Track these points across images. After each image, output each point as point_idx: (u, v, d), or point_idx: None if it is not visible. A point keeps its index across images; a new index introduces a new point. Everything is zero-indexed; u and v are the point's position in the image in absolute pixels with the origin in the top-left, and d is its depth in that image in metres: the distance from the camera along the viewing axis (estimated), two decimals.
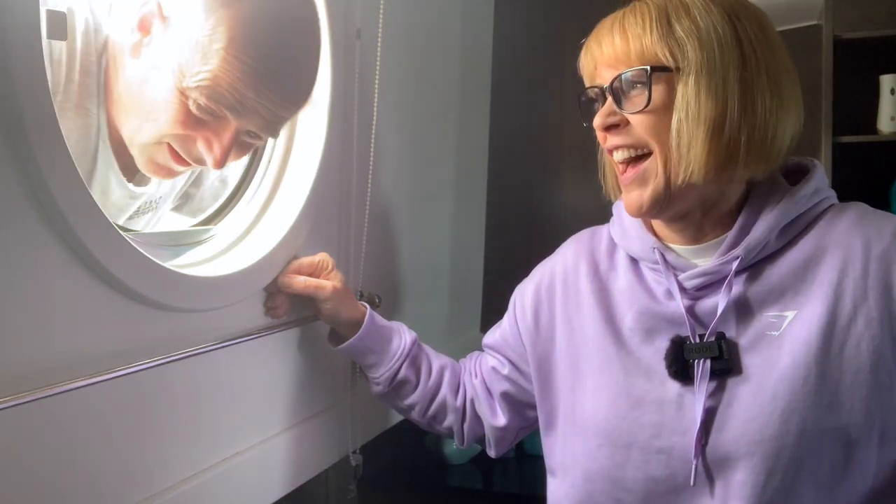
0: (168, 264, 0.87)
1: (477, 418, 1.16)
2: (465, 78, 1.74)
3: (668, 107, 0.85)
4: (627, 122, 0.88)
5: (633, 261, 0.97)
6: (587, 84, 0.93)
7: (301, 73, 0.98)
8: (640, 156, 0.88)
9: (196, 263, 1.00)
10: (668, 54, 0.85)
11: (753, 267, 0.88)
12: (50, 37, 0.79)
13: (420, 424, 1.20)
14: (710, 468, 0.85)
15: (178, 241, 1.02)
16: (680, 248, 0.93)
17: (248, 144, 0.98)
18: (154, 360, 0.83)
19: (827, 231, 0.87)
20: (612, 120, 0.88)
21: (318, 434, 1.19)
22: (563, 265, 1.05)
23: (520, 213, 2.06)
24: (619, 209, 1.01)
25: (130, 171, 1.01)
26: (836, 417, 0.81)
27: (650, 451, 0.88)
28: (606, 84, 0.88)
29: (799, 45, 2.88)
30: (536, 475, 1.06)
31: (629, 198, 0.90)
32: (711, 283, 0.89)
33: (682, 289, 0.90)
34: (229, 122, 0.93)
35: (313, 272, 1.10)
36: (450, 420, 1.17)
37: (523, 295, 1.09)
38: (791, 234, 0.88)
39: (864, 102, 2.49)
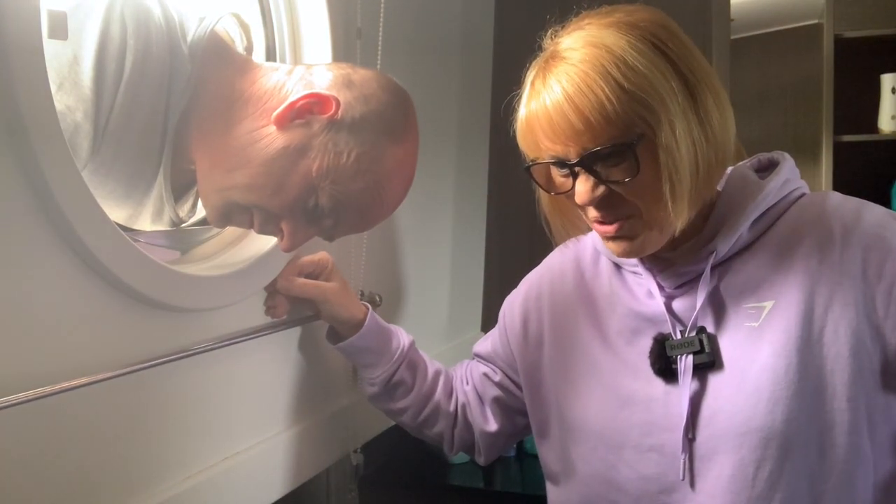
0: (169, 264, 0.87)
1: (467, 425, 1.16)
2: (465, 77, 1.74)
3: (649, 167, 0.81)
4: (609, 190, 0.82)
5: (616, 266, 0.98)
6: (535, 154, 0.87)
7: (385, 217, 1.01)
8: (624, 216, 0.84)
9: (197, 263, 1.00)
10: (637, 119, 0.78)
11: (728, 261, 0.89)
12: (51, 37, 0.79)
13: (409, 429, 1.20)
14: (700, 463, 0.85)
15: (180, 241, 1.02)
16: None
17: None
18: (154, 360, 0.83)
19: (799, 220, 0.88)
20: (599, 194, 0.82)
21: (318, 433, 1.19)
22: (550, 275, 1.07)
23: (521, 212, 2.05)
24: None
25: (178, 195, 0.98)
26: (821, 404, 0.81)
27: (642, 449, 0.88)
28: (571, 159, 0.81)
29: (800, 44, 2.89)
30: (537, 475, 1.06)
31: (613, 245, 0.87)
32: (689, 281, 0.90)
33: (661, 287, 0.91)
34: (322, 223, 0.94)
35: (313, 271, 1.10)
36: (441, 426, 1.16)
37: (512, 306, 1.10)
38: (763, 226, 0.89)
39: (865, 101, 2.50)
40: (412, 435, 1.22)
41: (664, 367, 0.88)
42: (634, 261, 0.93)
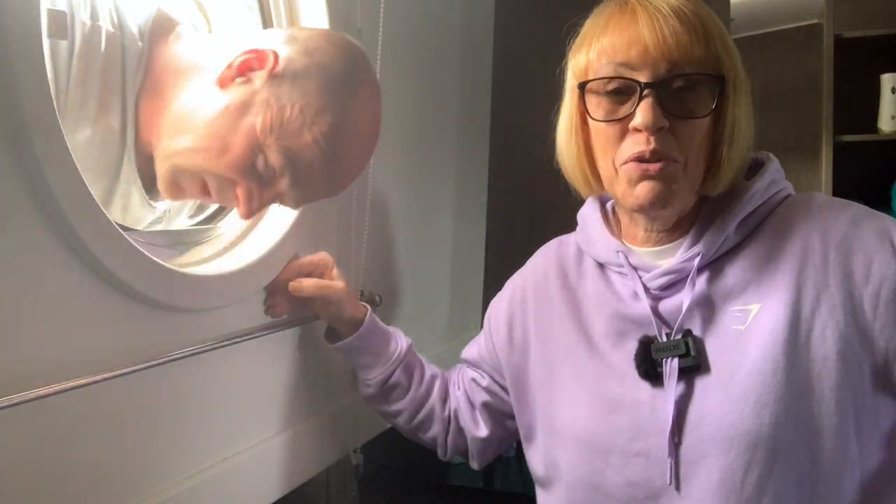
0: (168, 263, 0.87)
1: (460, 430, 1.16)
2: (465, 77, 1.74)
3: (715, 119, 0.85)
4: (670, 125, 0.82)
5: (601, 267, 0.97)
6: (604, 70, 0.85)
7: (351, 178, 1.00)
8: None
9: (196, 262, 1.00)
10: (725, 62, 0.84)
11: (715, 263, 0.88)
12: (50, 36, 0.79)
13: (404, 432, 1.19)
14: (686, 468, 0.84)
15: (179, 241, 1.02)
16: (643, 251, 0.93)
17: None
18: (154, 360, 0.83)
19: (785, 222, 0.87)
20: (662, 123, 0.81)
21: (318, 433, 1.19)
22: (534, 277, 1.06)
23: (521, 212, 2.06)
24: (584, 217, 1.02)
25: (150, 183, 0.97)
26: (808, 407, 0.80)
27: (629, 454, 0.87)
28: (650, 79, 0.82)
29: (799, 43, 2.89)
30: None
31: (645, 187, 0.84)
32: (675, 283, 0.89)
33: (647, 289, 0.90)
34: (277, 186, 0.92)
35: (313, 271, 1.10)
36: (435, 430, 1.16)
37: (497, 311, 1.10)
38: (749, 227, 0.88)
39: (865, 101, 2.49)
40: (406, 437, 1.22)
41: (649, 370, 0.87)
42: (619, 260, 0.93)
